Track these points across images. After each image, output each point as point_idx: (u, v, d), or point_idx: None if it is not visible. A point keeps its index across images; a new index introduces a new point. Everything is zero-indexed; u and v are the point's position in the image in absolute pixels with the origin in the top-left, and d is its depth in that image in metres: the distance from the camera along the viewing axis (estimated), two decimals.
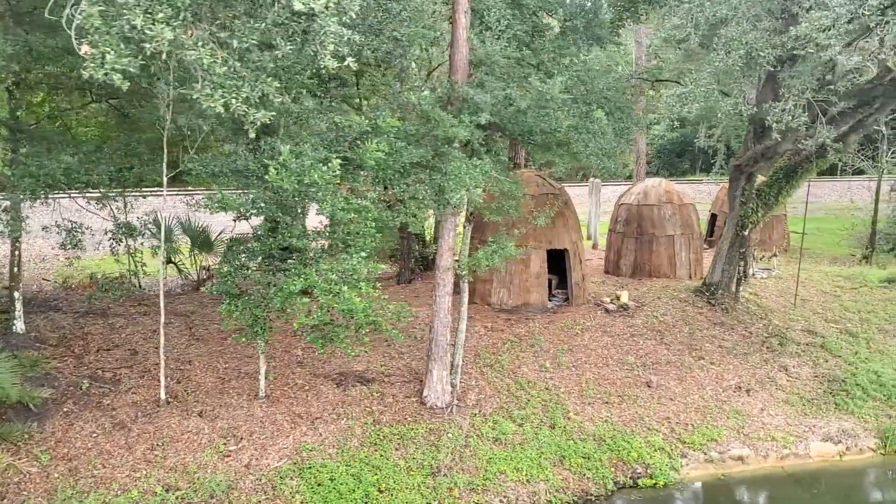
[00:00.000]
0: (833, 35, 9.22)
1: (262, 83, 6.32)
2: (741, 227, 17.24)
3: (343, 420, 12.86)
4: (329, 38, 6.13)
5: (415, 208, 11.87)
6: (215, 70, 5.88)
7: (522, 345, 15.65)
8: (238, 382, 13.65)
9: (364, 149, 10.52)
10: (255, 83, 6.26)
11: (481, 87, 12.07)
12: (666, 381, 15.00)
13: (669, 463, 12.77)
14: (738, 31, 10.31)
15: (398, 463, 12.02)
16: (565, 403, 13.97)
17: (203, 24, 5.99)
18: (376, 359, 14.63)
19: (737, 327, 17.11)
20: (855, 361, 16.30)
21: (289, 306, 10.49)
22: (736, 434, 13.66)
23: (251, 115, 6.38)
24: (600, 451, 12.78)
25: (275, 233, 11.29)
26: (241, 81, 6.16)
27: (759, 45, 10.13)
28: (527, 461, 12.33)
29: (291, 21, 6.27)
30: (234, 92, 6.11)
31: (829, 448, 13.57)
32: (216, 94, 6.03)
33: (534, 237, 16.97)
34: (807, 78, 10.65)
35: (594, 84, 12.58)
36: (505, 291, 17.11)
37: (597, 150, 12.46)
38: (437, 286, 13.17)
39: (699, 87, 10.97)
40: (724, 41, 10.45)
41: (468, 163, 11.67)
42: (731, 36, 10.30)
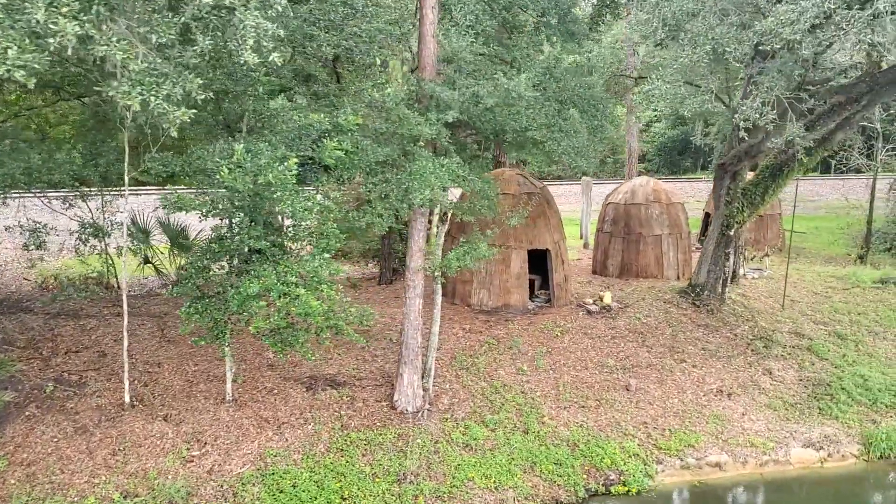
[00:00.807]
0: (799, 30, 8.87)
1: (185, 80, 6.04)
2: (726, 226, 16.88)
3: (310, 425, 12.60)
4: (249, 33, 5.85)
5: (381, 208, 11.58)
6: (130, 66, 5.61)
7: (500, 347, 15.35)
8: (206, 386, 13.41)
9: (323, 147, 10.23)
10: (178, 80, 5.98)
11: (451, 84, 11.77)
12: (645, 385, 14.68)
13: (644, 469, 12.45)
14: (704, 25, 9.98)
15: (364, 469, 11.75)
16: (541, 408, 13.67)
17: (121, 19, 5.71)
18: (349, 362, 14.37)
19: (721, 329, 16.76)
20: (842, 365, 15.93)
21: (245, 309, 10.20)
22: (714, 440, 13.33)
23: (171, 113, 6.10)
24: (573, 457, 12.47)
25: (236, 234, 11.02)
26: (162, 78, 5.89)
27: (725, 41, 9.79)
28: (496, 468, 12.04)
29: (212, 14, 5.99)
30: (154, 89, 5.84)
31: (810, 454, 13.22)
32: (134, 91, 5.77)
33: (514, 237, 16.66)
34: (775, 74, 10.31)
35: (566, 81, 12.25)
36: (485, 292, 16.81)
37: (569, 149, 12.13)
38: (408, 288, 12.89)
39: (665, 84, 10.65)
40: (690, 36, 10.12)
41: (436, 162, 11.39)
42: (698, 31, 9.96)
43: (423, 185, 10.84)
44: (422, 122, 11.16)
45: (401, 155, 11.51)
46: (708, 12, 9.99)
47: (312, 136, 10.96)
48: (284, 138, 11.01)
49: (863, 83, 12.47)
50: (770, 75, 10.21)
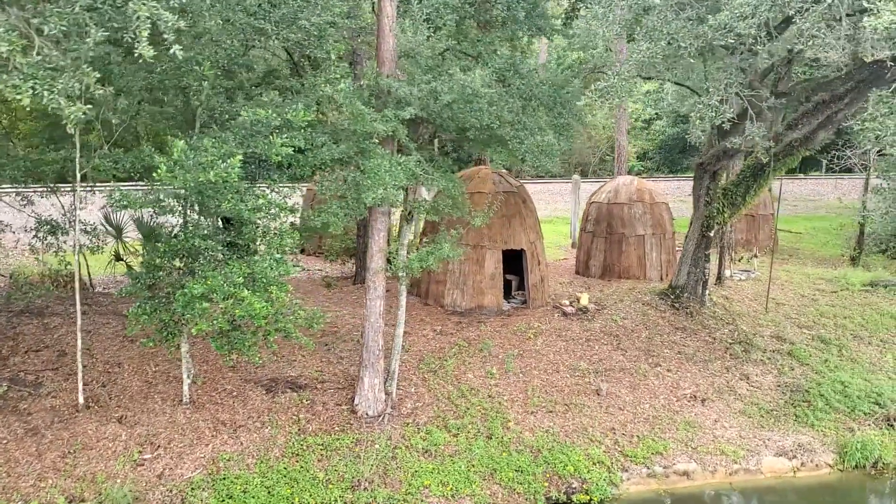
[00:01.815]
0: (754, 24, 8.47)
1: (82, 74, 5.74)
2: (706, 227, 16.48)
3: (267, 428, 12.32)
4: (143, 24, 5.55)
5: (337, 208, 11.27)
6: (16, 59, 5.32)
7: (471, 349, 15.03)
8: (165, 387, 13.14)
9: (271, 144, 9.93)
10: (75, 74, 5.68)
11: (410, 79, 11.45)
12: (617, 389, 14.32)
13: (608, 477, 12.11)
14: (660, 20, 9.61)
15: (318, 475, 11.46)
16: (507, 412, 13.34)
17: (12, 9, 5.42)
18: (313, 364, 14.07)
19: (700, 333, 16.37)
20: (823, 370, 15.53)
21: (189, 311, 9.92)
22: (684, 447, 12.97)
23: (66, 109, 5.81)
24: (535, 464, 12.14)
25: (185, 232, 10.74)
26: (57, 72, 5.60)
27: (681, 35, 9.41)
28: (454, 474, 11.72)
29: (106, 5, 5.69)
30: (48, 84, 5.55)
31: (782, 463, 12.84)
32: (25, 85, 5.47)
33: (488, 237, 16.32)
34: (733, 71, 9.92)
35: (531, 78, 11.89)
36: (458, 293, 16.48)
37: (532, 147, 11.78)
38: (368, 289, 12.59)
39: (622, 81, 10.28)
40: (646, 30, 9.75)
41: (392, 160, 11.08)
42: (653, 25, 9.59)
43: (377, 183, 10.53)
44: (377, 118, 10.84)
45: (357, 153, 11.18)
46: (664, 6, 9.60)
47: (265, 133, 10.64)
48: (236, 135, 10.71)
49: (840, 80, 12.05)
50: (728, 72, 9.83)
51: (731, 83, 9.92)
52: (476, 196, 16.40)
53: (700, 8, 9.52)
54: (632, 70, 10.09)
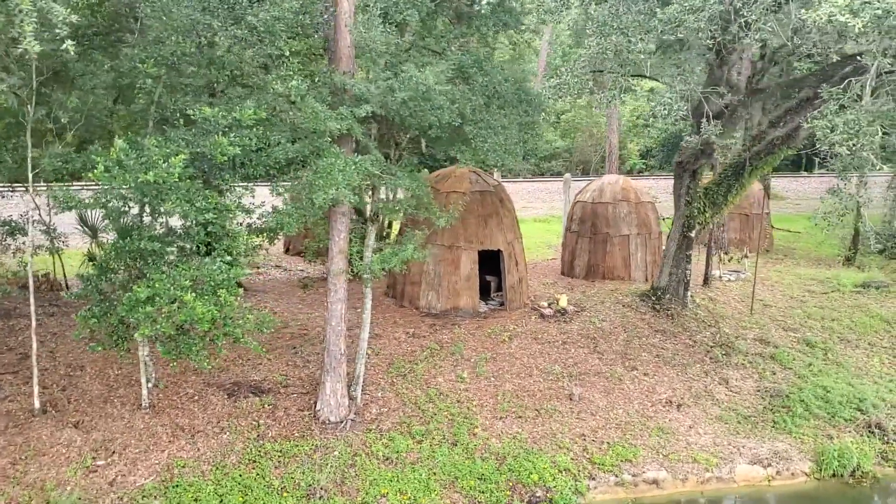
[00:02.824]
0: (703, 18, 8.09)
1: None
2: (687, 228, 16.07)
3: (226, 434, 12.04)
4: (28, 18, 5.27)
5: (292, 209, 10.98)
6: None
7: (443, 353, 14.70)
8: (126, 391, 12.89)
9: (215, 144, 9.64)
10: None
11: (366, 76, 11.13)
12: (591, 394, 13.97)
13: (574, 486, 11.75)
14: (611, 13, 9.23)
15: (273, 483, 11.17)
16: (474, 418, 13.01)
17: None
18: (278, 367, 13.79)
19: (680, 335, 15.97)
20: (806, 375, 15.11)
21: (133, 315, 9.66)
22: (655, 454, 12.59)
23: None
24: (499, 472, 11.80)
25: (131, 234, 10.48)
26: None
27: (631, 30, 9.03)
28: (414, 483, 11.41)
29: None
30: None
31: (756, 472, 12.45)
32: None
33: (464, 237, 15.99)
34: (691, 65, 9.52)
35: (494, 75, 11.54)
36: (433, 294, 16.15)
37: (496, 146, 11.44)
38: (329, 292, 12.28)
39: (573, 77, 9.89)
40: (597, 25, 9.37)
41: (347, 159, 10.77)
42: (603, 20, 9.20)
43: (329, 183, 10.21)
44: (332, 116, 10.52)
45: (312, 152, 10.88)
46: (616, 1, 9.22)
47: (216, 132, 10.34)
48: (185, 135, 10.44)
49: (813, 77, 11.63)
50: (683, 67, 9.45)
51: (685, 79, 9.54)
52: (452, 195, 16.07)
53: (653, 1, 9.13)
54: (585, 66, 9.73)
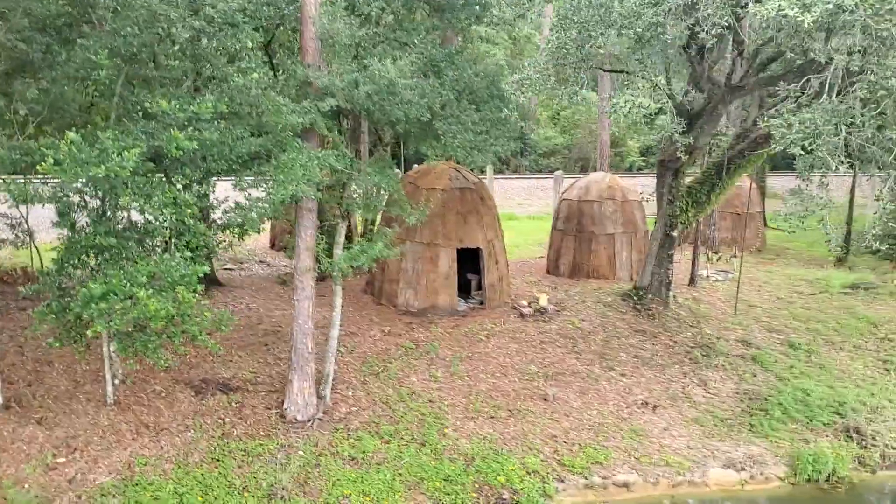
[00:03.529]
0: (661, 12, 7.85)
1: None
2: (669, 227, 15.82)
3: (190, 432, 11.90)
4: None
5: (253, 204, 10.80)
6: None
7: (418, 351, 14.51)
8: (93, 387, 12.75)
9: (171, 137, 9.46)
10: None
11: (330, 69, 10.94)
12: (566, 395, 13.76)
13: (541, 488, 11.56)
14: (572, 6, 8.98)
15: (235, 483, 11.01)
16: (445, 418, 12.82)
17: None
18: (249, 364, 13.63)
19: (661, 336, 15.75)
20: (787, 377, 14.86)
21: (87, 311, 9.49)
22: (627, 457, 12.38)
23: None
24: (466, 474, 11.62)
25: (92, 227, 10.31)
26: None
27: (591, 24, 8.78)
28: (378, 483, 11.23)
29: None
30: None
31: (730, 476, 12.23)
32: None
33: (443, 235, 15.79)
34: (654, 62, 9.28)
35: (464, 70, 11.32)
36: (411, 292, 15.96)
37: (465, 143, 11.24)
38: (296, 289, 12.11)
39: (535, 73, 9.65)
40: (558, 19, 9.13)
41: (310, 154, 10.60)
42: (564, 13, 8.95)
43: (289, 178, 10.03)
44: (296, 109, 10.34)
45: (275, 146, 10.69)
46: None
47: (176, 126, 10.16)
48: (144, 128, 10.27)
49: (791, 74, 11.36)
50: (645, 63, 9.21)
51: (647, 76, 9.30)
52: (431, 192, 15.87)
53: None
54: (548, 61, 9.50)
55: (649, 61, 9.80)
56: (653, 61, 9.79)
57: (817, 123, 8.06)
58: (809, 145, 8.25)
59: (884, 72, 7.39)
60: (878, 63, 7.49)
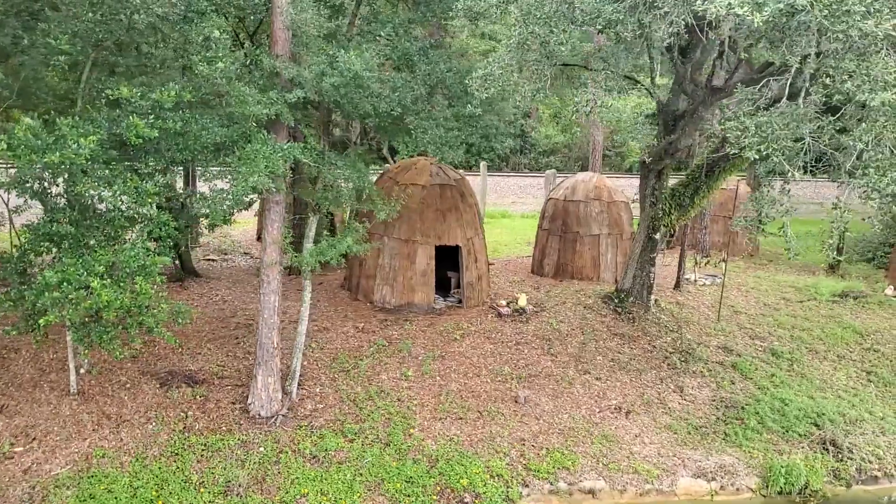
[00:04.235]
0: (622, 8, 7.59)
1: None
2: (652, 230, 15.57)
3: (152, 424, 11.73)
4: None
5: (217, 196, 10.60)
6: None
7: (391, 349, 14.30)
8: (58, 376, 12.60)
9: (130, 124, 9.27)
10: None
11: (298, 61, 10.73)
12: (538, 397, 13.54)
13: (505, 492, 11.36)
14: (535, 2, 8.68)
15: (191, 478, 10.84)
16: (413, 418, 12.62)
17: None
18: (217, 357, 13.45)
19: (640, 340, 15.50)
20: (766, 386, 14.61)
21: (41, 300, 9.32)
22: (595, 463, 12.16)
23: None
24: (428, 476, 11.41)
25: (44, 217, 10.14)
26: None
27: (554, 21, 8.52)
28: (338, 483, 11.05)
29: None
30: None
31: (700, 485, 12.00)
32: None
33: (421, 232, 15.57)
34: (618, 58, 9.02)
35: (436, 65, 11.09)
36: (388, 289, 15.75)
37: (435, 138, 11.02)
38: (262, 283, 11.92)
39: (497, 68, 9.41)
40: (521, 13, 8.88)
41: (276, 146, 10.40)
42: (527, 9, 8.69)
43: (251, 170, 9.83)
44: (262, 100, 10.13)
45: (241, 137, 10.49)
46: None
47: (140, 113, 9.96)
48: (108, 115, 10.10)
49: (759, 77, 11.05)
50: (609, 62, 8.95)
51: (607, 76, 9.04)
52: (411, 188, 15.67)
53: None
54: (512, 57, 9.25)
55: (612, 59, 9.55)
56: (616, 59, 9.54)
57: (774, 128, 7.79)
58: (765, 150, 7.99)
59: (841, 75, 7.13)
60: (835, 66, 7.22)
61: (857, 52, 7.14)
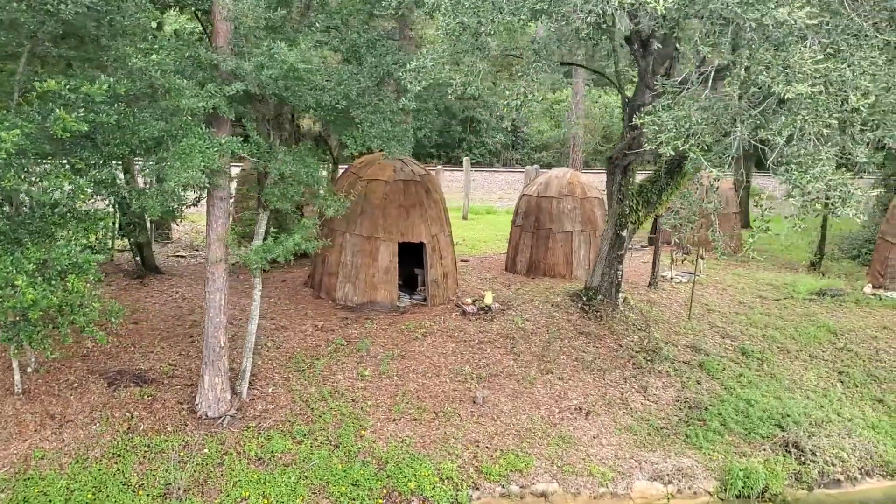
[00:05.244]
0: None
1: None
2: (619, 227, 15.26)
3: (96, 425, 11.49)
4: None
5: (154, 191, 10.35)
6: None
7: (349, 348, 14.04)
8: (3, 375, 12.36)
9: (57, 118, 9.00)
10: None
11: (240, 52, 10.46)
12: (497, 398, 13.27)
13: (454, 496, 11.10)
14: None
15: (131, 480, 10.60)
16: (366, 419, 12.36)
17: None
18: (169, 356, 13.20)
19: (606, 338, 15.21)
20: (733, 386, 14.31)
21: None
22: (550, 465, 11.90)
23: None
24: (375, 479, 11.16)
25: None
26: None
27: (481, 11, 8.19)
28: (281, 486, 10.79)
29: None
30: None
31: (656, 488, 11.74)
32: None
33: (383, 228, 15.29)
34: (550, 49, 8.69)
35: (381, 57, 10.80)
36: (350, 287, 15.48)
37: (382, 133, 10.74)
38: (207, 281, 11.66)
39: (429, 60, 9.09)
40: (451, 3, 8.56)
41: (213, 139, 10.13)
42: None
43: (185, 165, 9.55)
44: (198, 93, 9.86)
45: (180, 131, 10.22)
46: None
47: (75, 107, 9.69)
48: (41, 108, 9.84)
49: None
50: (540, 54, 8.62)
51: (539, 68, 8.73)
52: (373, 184, 15.40)
53: None
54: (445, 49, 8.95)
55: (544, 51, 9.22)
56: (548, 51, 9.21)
57: (693, 122, 7.48)
58: (682, 146, 7.67)
59: (756, 66, 6.79)
60: (750, 57, 6.88)
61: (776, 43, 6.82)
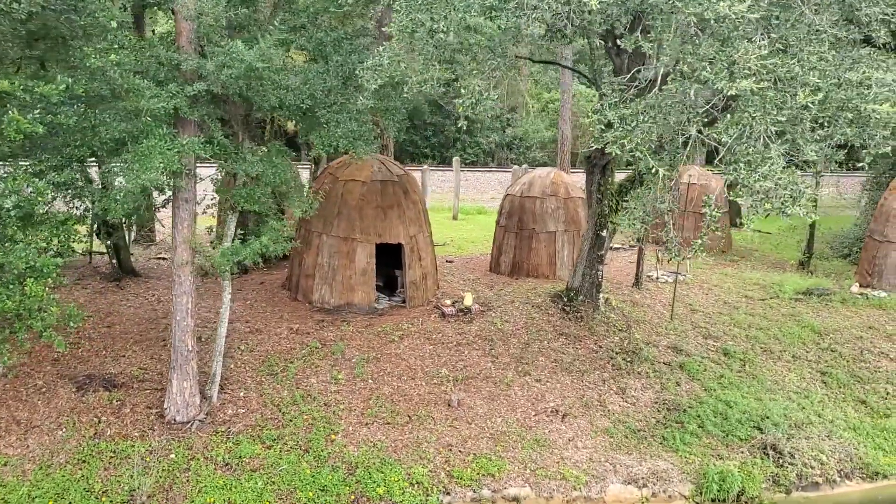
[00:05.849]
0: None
1: None
2: (599, 227, 15.09)
3: (62, 430, 11.35)
4: None
5: (116, 192, 10.20)
6: None
7: (324, 351, 13.88)
8: None
9: (10, 119, 8.85)
10: None
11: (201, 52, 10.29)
12: (473, 400, 13.11)
13: (424, 501, 10.95)
14: None
15: (94, 487, 10.46)
16: (337, 423, 12.20)
17: None
18: (140, 360, 13.04)
19: (586, 340, 15.04)
20: (713, 387, 14.13)
21: None
22: (523, 469, 11.73)
23: None
24: (344, 484, 11.00)
25: None
26: None
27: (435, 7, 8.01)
28: (247, 492, 10.65)
29: None
30: None
31: (630, 492, 11.57)
32: None
33: (360, 229, 15.12)
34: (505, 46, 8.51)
35: (347, 56, 10.65)
36: (327, 288, 15.32)
37: (347, 133, 10.58)
38: (174, 284, 11.51)
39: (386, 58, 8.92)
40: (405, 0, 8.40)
41: (175, 140, 9.98)
42: None
43: (144, 167, 9.40)
44: (158, 93, 9.70)
45: (141, 132, 10.07)
46: None
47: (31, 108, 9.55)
48: None
49: None
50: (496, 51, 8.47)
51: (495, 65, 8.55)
52: (350, 184, 15.24)
53: None
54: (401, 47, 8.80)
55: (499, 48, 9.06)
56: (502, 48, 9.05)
57: (639, 120, 7.30)
58: (628, 145, 7.49)
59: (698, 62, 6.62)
60: (693, 52, 6.71)
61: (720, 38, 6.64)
